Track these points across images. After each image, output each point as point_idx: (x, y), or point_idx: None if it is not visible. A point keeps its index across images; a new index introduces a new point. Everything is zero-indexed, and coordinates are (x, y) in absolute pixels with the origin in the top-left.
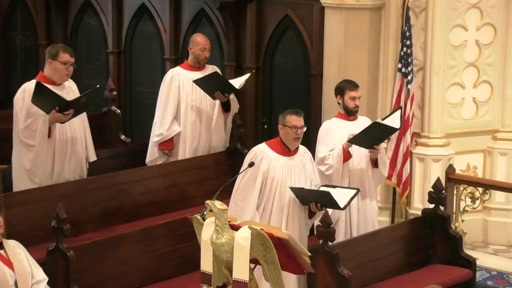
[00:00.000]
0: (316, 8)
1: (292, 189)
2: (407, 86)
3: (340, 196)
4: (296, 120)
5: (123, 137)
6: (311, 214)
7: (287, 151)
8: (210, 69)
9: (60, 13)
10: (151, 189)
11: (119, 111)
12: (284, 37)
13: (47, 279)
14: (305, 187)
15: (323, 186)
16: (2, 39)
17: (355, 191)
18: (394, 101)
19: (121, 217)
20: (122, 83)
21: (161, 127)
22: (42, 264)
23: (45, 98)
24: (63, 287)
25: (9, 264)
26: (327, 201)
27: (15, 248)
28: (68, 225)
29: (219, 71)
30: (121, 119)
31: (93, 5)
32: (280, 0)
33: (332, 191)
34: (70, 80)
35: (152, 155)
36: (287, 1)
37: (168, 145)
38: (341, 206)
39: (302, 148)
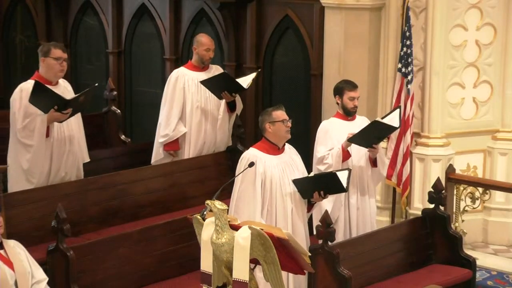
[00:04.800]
0: (316, 8)
1: (295, 181)
2: (407, 86)
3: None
4: (282, 114)
5: (123, 137)
6: (309, 208)
7: (277, 149)
8: (214, 69)
9: (60, 13)
10: (151, 189)
11: (119, 111)
12: (284, 37)
13: (47, 279)
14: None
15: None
16: (2, 39)
17: (347, 171)
18: (394, 101)
19: (121, 217)
20: (122, 83)
21: (166, 127)
22: (42, 264)
23: (43, 98)
24: (63, 287)
25: (9, 264)
26: (332, 184)
27: (15, 248)
28: (68, 225)
29: (222, 70)
30: (121, 119)
31: (93, 5)
32: (280, 0)
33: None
34: (64, 80)
35: (158, 155)
36: (287, 1)
37: (174, 146)
38: (344, 187)
39: (286, 144)
